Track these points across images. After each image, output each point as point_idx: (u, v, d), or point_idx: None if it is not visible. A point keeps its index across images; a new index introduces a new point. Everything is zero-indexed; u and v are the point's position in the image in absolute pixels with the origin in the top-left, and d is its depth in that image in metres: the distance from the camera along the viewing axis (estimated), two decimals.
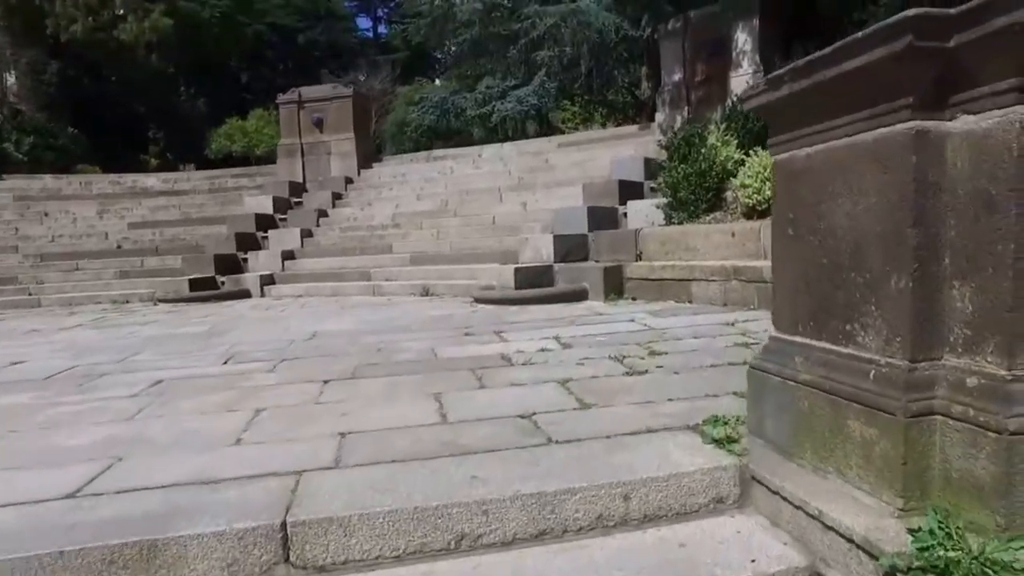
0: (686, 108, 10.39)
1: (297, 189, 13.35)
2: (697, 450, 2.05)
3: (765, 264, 4.96)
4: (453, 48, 24.60)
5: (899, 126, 1.48)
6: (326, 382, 3.43)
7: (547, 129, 32.65)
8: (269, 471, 2.08)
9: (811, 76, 1.70)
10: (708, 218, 6.97)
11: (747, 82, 9.59)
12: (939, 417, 1.46)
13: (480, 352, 4.04)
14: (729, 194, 7.03)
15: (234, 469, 2.12)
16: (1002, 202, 1.34)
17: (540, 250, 7.95)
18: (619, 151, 10.83)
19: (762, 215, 6.19)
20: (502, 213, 10.09)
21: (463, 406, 2.77)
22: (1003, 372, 1.36)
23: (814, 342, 1.81)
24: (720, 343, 3.93)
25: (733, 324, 4.60)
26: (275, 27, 47.26)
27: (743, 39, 9.67)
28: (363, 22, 56.91)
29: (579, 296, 6.64)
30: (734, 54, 9.80)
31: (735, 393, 2.60)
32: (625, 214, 8.43)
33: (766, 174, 6.27)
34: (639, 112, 25.35)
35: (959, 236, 1.44)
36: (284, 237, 11.28)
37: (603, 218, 8.50)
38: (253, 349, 4.71)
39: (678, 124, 10.48)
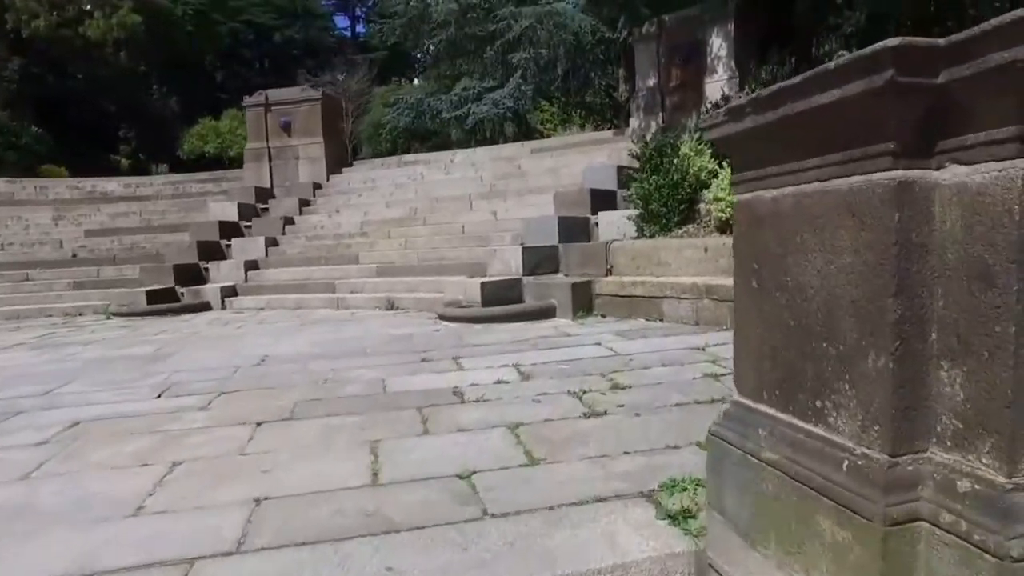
0: (661, 114, 10.21)
1: (264, 195, 12.95)
2: (649, 528, 1.80)
3: None
4: (431, 48, 24.40)
5: (878, 175, 1.24)
6: (259, 424, 3.13)
7: (525, 130, 32.40)
8: (157, 559, 1.79)
9: (777, 108, 1.45)
10: (680, 231, 6.77)
11: (722, 89, 9.44)
12: (925, 524, 1.22)
13: (433, 384, 3.76)
14: (702, 207, 6.83)
15: (118, 556, 1.82)
16: (1001, 274, 1.10)
17: (509, 263, 7.69)
18: (593, 158, 10.62)
19: None
20: (472, 222, 9.81)
21: (400, 460, 2.50)
22: (1002, 479, 1.12)
23: (780, 415, 1.56)
24: (688, 373, 3.69)
25: (704, 349, 4.37)
26: (251, 25, 46.48)
27: (718, 44, 9.51)
28: (341, 21, 56.27)
29: (546, 313, 6.38)
30: (709, 59, 9.63)
31: (698, 444, 2.36)
32: (597, 224, 8.20)
33: None
34: (617, 114, 25.23)
35: (948, 310, 1.20)
36: (248, 246, 10.89)
37: (575, 229, 8.27)
38: (193, 378, 4.38)
39: (652, 130, 10.29)
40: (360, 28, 55.05)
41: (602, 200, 8.64)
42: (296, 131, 13.63)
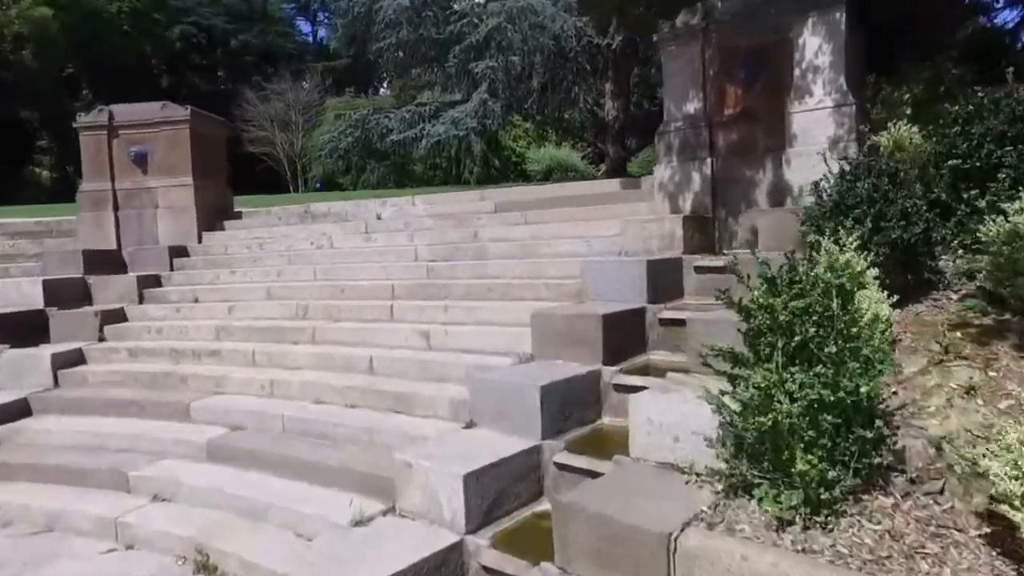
0: (709, 160, 6.17)
1: (105, 261, 8.60)
2: None
3: None
4: (383, 55, 20.18)
5: None
6: None
7: (496, 149, 28.13)
8: None
9: None
10: (854, 514, 2.65)
11: (826, 121, 5.44)
12: None
13: None
14: (914, 444, 2.73)
15: None
16: None
17: (437, 500, 3.56)
18: (594, 228, 6.53)
19: None
20: (388, 349, 5.62)
21: None
22: None
23: None
24: None
25: None
26: (202, 28, 41.86)
27: (816, 46, 5.50)
28: (304, 26, 51.94)
29: None
30: (799, 72, 5.62)
31: None
32: (623, 408, 4.10)
33: None
34: (601, 135, 21.24)
35: None
36: (23, 367, 6.55)
37: (574, 408, 4.19)
38: None
39: (695, 188, 6.24)
40: (323, 33, 50.78)
41: (624, 335, 4.60)
42: (155, 167, 9.30)
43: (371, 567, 3.17)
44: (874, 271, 3.26)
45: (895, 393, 3.10)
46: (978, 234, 3.57)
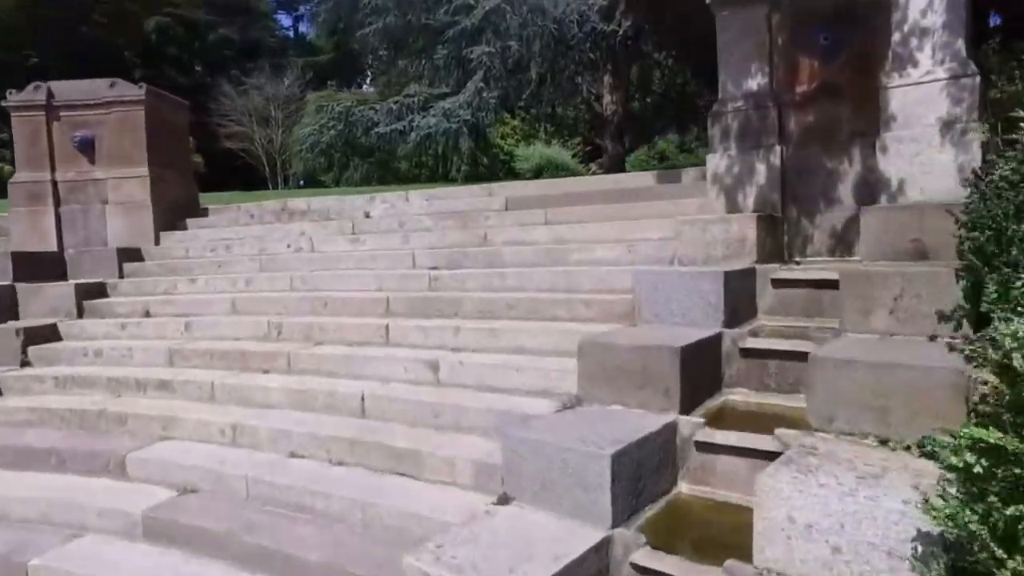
0: (777, 147, 5.02)
1: (41, 266, 7.25)
2: None
3: None
4: (369, 44, 18.90)
5: None
6: None
7: (484, 147, 26.88)
8: None
9: None
10: None
11: (938, 98, 4.33)
12: None
13: None
14: None
15: None
16: None
17: None
18: (632, 230, 5.36)
19: None
20: (383, 383, 4.38)
21: None
22: None
23: None
24: None
25: None
26: (181, 20, 40.20)
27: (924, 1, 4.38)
28: (285, 20, 50.37)
29: None
30: (899, 35, 4.49)
31: None
32: (707, 471, 2.96)
33: None
34: (599, 131, 20.11)
35: None
36: None
37: (648, 478, 3.04)
38: None
39: (760, 180, 5.10)
40: (304, 28, 49.26)
41: (701, 375, 3.46)
42: (104, 155, 7.96)
43: None
44: None
45: None
46: None
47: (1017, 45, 4.27)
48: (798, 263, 4.90)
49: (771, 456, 2.80)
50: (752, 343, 3.84)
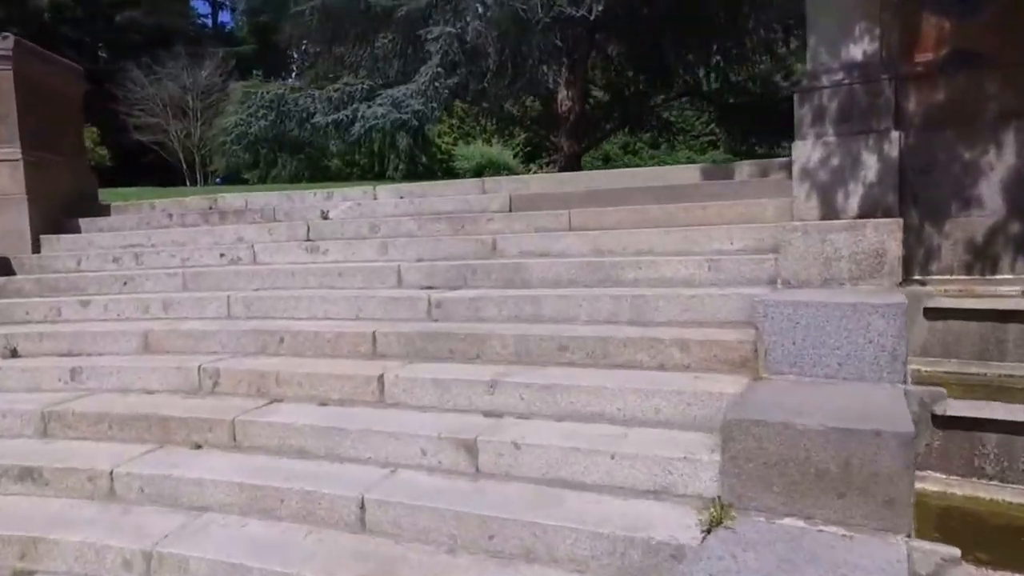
0: (893, 132, 3.84)
1: None
2: None
3: None
4: (299, 24, 16.97)
5: None
6: None
7: (423, 145, 25.11)
8: None
9: None
10: None
11: None
12: None
13: None
14: None
15: None
16: None
17: None
18: (699, 239, 4.06)
19: None
20: (390, 474, 2.86)
21: None
22: None
23: None
24: None
25: None
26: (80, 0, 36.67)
27: None
28: (202, 7, 46.92)
29: None
30: None
31: None
32: None
33: None
34: (554, 128, 18.89)
35: None
36: None
37: None
38: None
39: (870, 174, 3.90)
40: (224, 17, 45.95)
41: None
42: None
43: None
44: None
45: None
46: None
47: None
48: (923, 283, 3.74)
49: None
50: (952, 409, 2.60)
